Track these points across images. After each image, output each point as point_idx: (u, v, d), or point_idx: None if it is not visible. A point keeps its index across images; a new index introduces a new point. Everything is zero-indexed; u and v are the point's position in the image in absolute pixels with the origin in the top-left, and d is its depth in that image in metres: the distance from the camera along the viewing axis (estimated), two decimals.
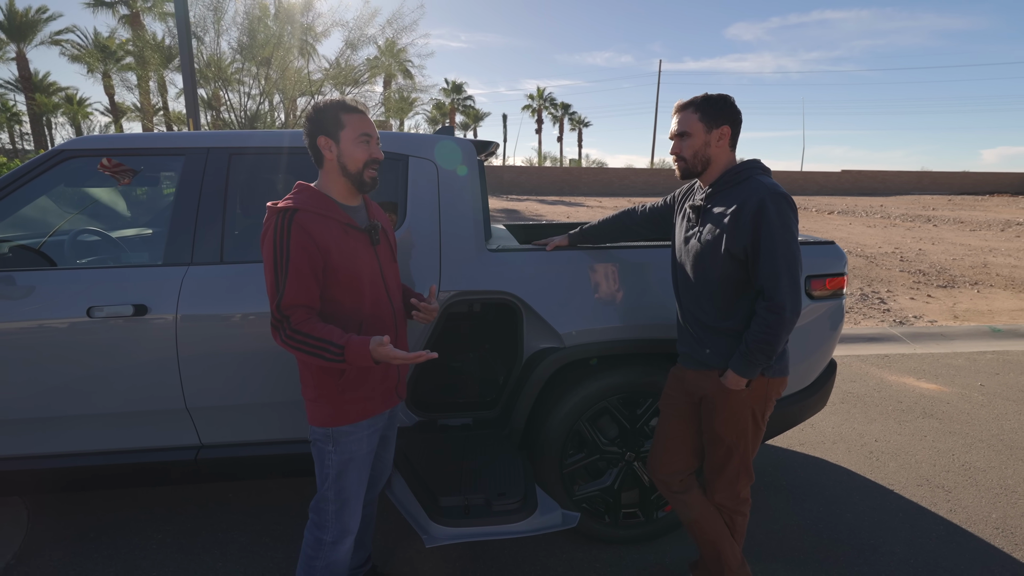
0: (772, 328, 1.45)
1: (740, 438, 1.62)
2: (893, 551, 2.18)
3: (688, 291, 1.66)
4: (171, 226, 1.97)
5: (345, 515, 1.55)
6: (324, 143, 1.44)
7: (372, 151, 1.46)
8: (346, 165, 1.45)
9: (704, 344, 1.61)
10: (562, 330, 2.03)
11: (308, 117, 1.46)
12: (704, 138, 1.57)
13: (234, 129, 6.96)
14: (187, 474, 2.04)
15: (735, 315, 1.56)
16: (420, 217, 2.03)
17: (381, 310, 1.52)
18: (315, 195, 1.44)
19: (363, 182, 1.48)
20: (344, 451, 1.51)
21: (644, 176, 33.13)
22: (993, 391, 3.82)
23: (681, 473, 1.75)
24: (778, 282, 1.44)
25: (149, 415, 1.95)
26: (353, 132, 1.44)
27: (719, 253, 1.53)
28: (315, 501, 1.57)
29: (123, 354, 1.88)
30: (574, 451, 2.13)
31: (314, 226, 1.39)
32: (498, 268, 2.05)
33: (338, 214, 1.45)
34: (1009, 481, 2.69)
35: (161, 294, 1.89)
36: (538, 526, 1.60)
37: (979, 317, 5.78)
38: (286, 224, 1.37)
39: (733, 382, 1.54)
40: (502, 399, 2.17)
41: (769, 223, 1.44)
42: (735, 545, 1.73)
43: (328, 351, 1.34)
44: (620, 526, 2.17)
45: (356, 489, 1.55)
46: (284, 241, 1.36)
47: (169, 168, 2.32)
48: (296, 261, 1.36)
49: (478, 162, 2.17)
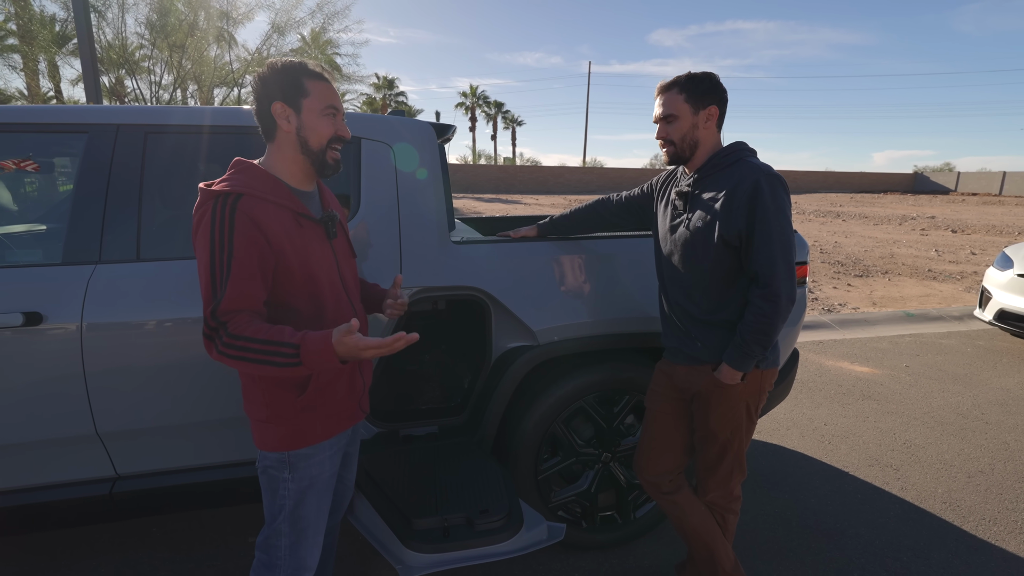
0: (768, 317, 1.38)
1: (735, 434, 1.55)
2: (858, 534, 2.22)
3: (676, 283, 1.56)
4: (72, 218, 1.64)
5: (302, 550, 1.31)
6: (281, 111, 1.19)
7: (339, 127, 1.23)
8: (307, 140, 1.21)
9: (695, 338, 1.52)
10: (536, 327, 1.88)
11: (261, 78, 1.20)
12: (692, 120, 1.46)
13: None
14: (101, 512, 1.71)
15: (727, 306, 1.48)
16: (376, 206, 1.82)
17: (342, 315, 1.29)
18: (263, 176, 1.19)
19: (325, 163, 1.24)
20: (303, 477, 1.27)
21: (578, 174, 33.75)
22: (917, 371, 4.09)
23: (670, 473, 1.66)
24: (774, 268, 1.36)
25: (49, 445, 1.62)
26: (319, 102, 1.20)
27: (711, 240, 1.43)
28: (263, 537, 1.31)
29: (11, 373, 1.54)
30: (548, 455, 2.00)
31: (263, 214, 1.14)
32: (464, 261, 1.87)
33: (291, 201, 1.20)
34: (946, 456, 2.85)
35: (61, 299, 1.57)
36: (526, 544, 1.45)
37: (893, 303, 6.24)
38: (228, 211, 1.11)
39: (728, 376, 1.45)
40: (470, 404, 2.00)
41: (764, 206, 1.36)
42: (728, 545, 1.67)
43: (279, 355, 1.08)
44: (598, 530, 2.07)
45: (315, 519, 1.32)
46: (226, 232, 1.11)
47: (66, 150, 1.96)
48: (240, 257, 1.11)
49: (439, 146, 1.98)
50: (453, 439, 1.92)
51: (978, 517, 2.33)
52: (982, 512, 2.37)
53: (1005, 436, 3.07)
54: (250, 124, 1.75)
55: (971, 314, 5.65)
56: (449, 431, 1.99)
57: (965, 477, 2.65)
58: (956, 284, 7.26)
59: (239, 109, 1.81)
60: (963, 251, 10.07)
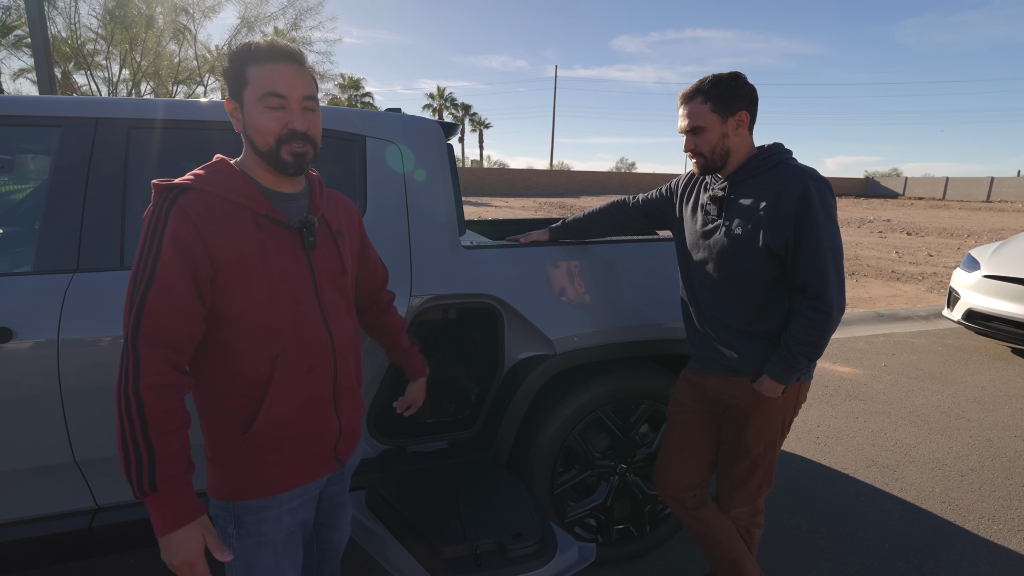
0: (819, 329, 1.31)
1: (769, 448, 1.49)
2: (868, 537, 2.22)
3: (710, 291, 1.47)
4: (45, 222, 1.47)
5: None
6: (232, 109, 1.04)
7: (289, 120, 1.00)
8: (252, 139, 1.02)
9: (732, 348, 1.44)
10: (554, 336, 1.80)
11: (223, 72, 1.05)
12: (720, 130, 1.37)
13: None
14: (79, 548, 1.54)
15: (770, 317, 1.40)
16: (383, 209, 1.70)
17: (309, 339, 1.07)
18: (226, 172, 1.02)
19: (281, 161, 1.02)
20: (250, 534, 1.05)
21: (547, 177, 33.91)
22: (896, 370, 4.20)
23: (695, 488, 1.60)
24: (825, 278, 1.30)
25: (21, 476, 1.44)
26: (256, 90, 0.99)
27: (754, 248, 1.35)
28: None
29: None
30: (564, 469, 1.92)
31: (204, 213, 0.96)
32: (477, 268, 1.78)
33: (252, 200, 1.02)
34: (937, 455, 2.90)
35: (33, 312, 1.40)
36: (560, 569, 1.36)
37: (863, 304, 6.43)
38: (163, 209, 0.94)
39: (770, 389, 1.38)
40: (481, 417, 1.90)
41: (814, 213, 1.29)
42: (753, 559, 1.62)
43: (137, 463, 0.88)
44: (613, 544, 2.00)
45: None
46: (155, 234, 0.93)
47: (31, 145, 1.78)
48: (167, 263, 0.92)
49: (448, 146, 1.88)
50: (466, 455, 1.81)
51: (978, 516, 2.37)
52: (980, 511, 2.41)
53: (988, 433, 3.16)
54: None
55: (938, 313, 5.87)
56: (460, 446, 1.89)
57: (959, 475, 2.70)
58: (919, 284, 7.55)
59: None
60: (921, 252, 10.52)
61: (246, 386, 1.03)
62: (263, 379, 1.03)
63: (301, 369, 1.07)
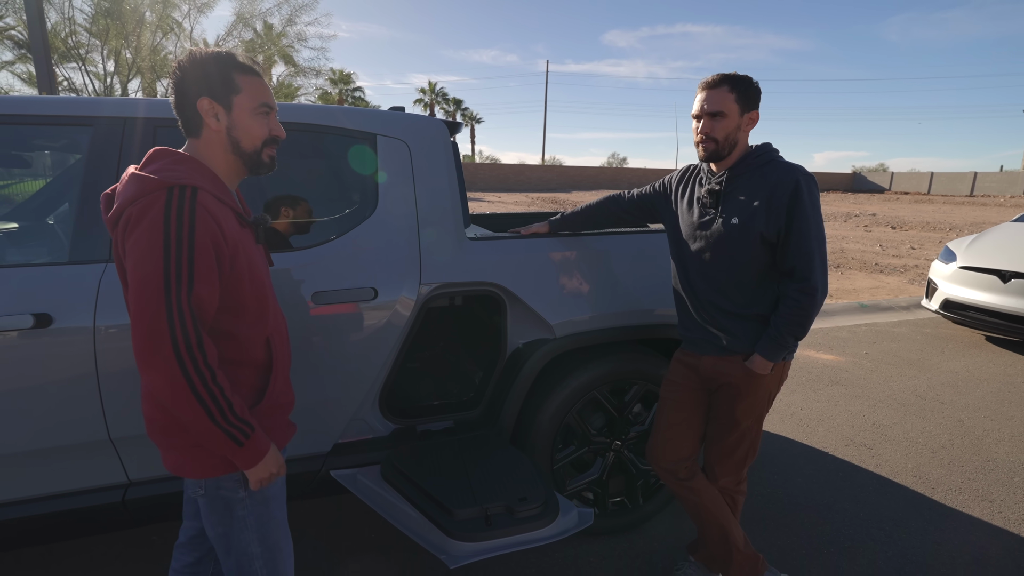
0: (805, 309, 1.46)
1: (756, 421, 1.64)
2: (844, 508, 2.39)
3: (706, 278, 1.61)
4: (78, 215, 1.57)
5: (279, 563, 1.23)
6: (209, 108, 1.08)
7: (273, 127, 1.14)
8: (239, 141, 1.11)
9: (725, 331, 1.58)
10: (554, 320, 1.94)
11: (183, 69, 1.07)
12: (737, 121, 1.50)
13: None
14: (113, 520, 1.65)
15: (760, 301, 1.55)
16: (394, 203, 1.82)
17: (279, 322, 1.25)
18: (206, 171, 1.09)
19: (260, 163, 1.15)
20: (260, 491, 1.18)
21: (539, 172, 34.00)
22: (876, 358, 4.39)
23: (687, 460, 1.74)
24: (812, 263, 1.45)
25: (60, 452, 1.55)
26: (251, 100, 1.10)
27: (749, 237, 1.49)
28: (233, 566, 1.20)
29: (18, 378, 1.47)
30: (563, 445, 2.06)
31: (216, 211, 1.04)
32: (482, 258, 1.90)
33: (231, 200, 1.11)
34: (911, 434, 3.08)
35: (70, 300, 1.50)
36: (562, 529, 1.50)
37: (847, 295, 6.64)
38: (187, 205, 0.99)
39: (761, 367, 1.53)
40: (485, 397, 2.04)
41: (803, 205, 1.44)
42: (738, 524, 1.76)
43: (235, 427, 1.02)
44: (608, 516, 2.14)
45: (285, 531, 1.26)
46: (184, 229, 0.98)
47: (63, 143, 1.87)
48: (204, 249, 1.00)
49: (452, 143, 2.00)
50: (472, 432, 1.95)
51: (945, 488, 2.55)
52: (948, 483, 2.59)
53: (959, 414, 3.34)
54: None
55: (918, 304, 6.09)
56: (465, 425, 2.02)
57: (930, 452, 2.88)
58: (900, 276, 7.78)
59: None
60: (904, 246, 10.78)
61: (253, 368, 1.16)
62: (264, 360, 1.18)
63: (282, 348, 1.24)
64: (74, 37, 11.92)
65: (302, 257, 1.70)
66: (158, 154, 1.07)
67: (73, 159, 1.99)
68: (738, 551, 1.73)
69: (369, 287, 1.74)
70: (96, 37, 12.07)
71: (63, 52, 12.14)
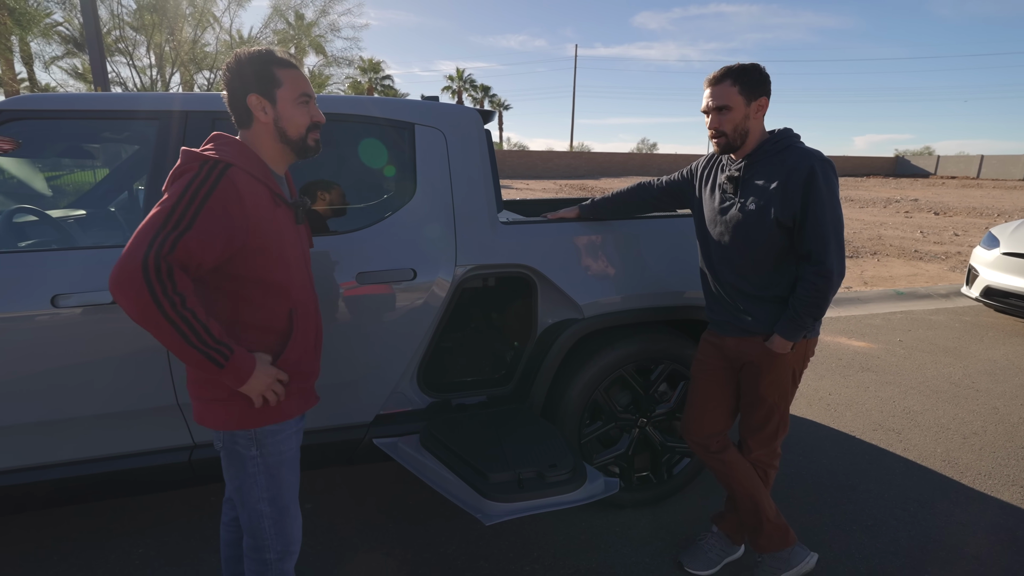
0: (821, 292, 1.51)
1: (782, 398, 1.70)
2: (868, 488, 2.42)
3: (726, 261, 1.67)
4: (147, 201, 1.73)
5: (287, 525, 1.35)
6: (257, 103, 1.21)
7: (313, 114, 1.27)
8: (286, 130, 1.24)
9: (746, 312, 1.65)
10: (582, 301, 2.02)
11: (231, 69, 1.21)
12: (744, 111, 1.56)
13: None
14: (181, 478, 1.83)
15: (779, 283, 1.61)
16: (431, 188, 1.93)
17: (308, 298, 1.34)
18: (248, 153, 1.21)
19: (307, 147, 1.28)
20: (272, 452, 1.29)
21: (567, 159, 33.76)
22: (910, 345, 4.33)
23: (718, 434, 1.81)
24: (826, 247, 1.49)
25: (135, 415, 1.73)
26: (292, 92, 1.23)
27: (766, 222, 1.55)
28: (246, 521, 1.32)
29: (100, 348, 1.64)
30: (590, 421, 2.15)
31: (247, 187, 1.15)
32: (514, 241, 2.00)
33: (270, 181, 1.23)
34: (942, 420, 3.07)
35: None
36: (588, 494, 1.60)
37: (883, 282, 6.50)
38: (214, 175, 1.12)
39: (780, 346, 1.59)
40: (516, 374, 2.14)
41: (818, 189, 1.48)
42: (769, 496, 1.83)
43: (213, 349, 1.09)
44: (633, 490, 2.23)
45: (293, 493, 1.36)
46: (203, 191, 1.10)
47: (131, 135, 2.04)
48: (212, 213, 1.09)
49: (486, 131, 2.09)
50: (504, 406, 2.06)
51: (975, 472, 2.55)
52: (978, 468, 2.58)
53: (995, 402, 3.30)
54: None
55: (957, 292, 5.92)
56: (497, 400, 2.13)
57: (961, 438, 2.86)
58: (941, 264, 7.55)
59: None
60: (947, 232, 10.41)
61: (272, 334, 1.26)
62: (284, 328, 1.28)
63: (305, 321, 1.33)
64: (120, 30, 12.42)
65: (347, 240, 1.82)
66: (213, 137, 1.22)
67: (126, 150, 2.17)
68: (768, 521, 1.80)
69: (409, 268, 1.86)
70: (141, 32, 12.55)
71: (109, 47, 12.66)
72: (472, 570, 1.92)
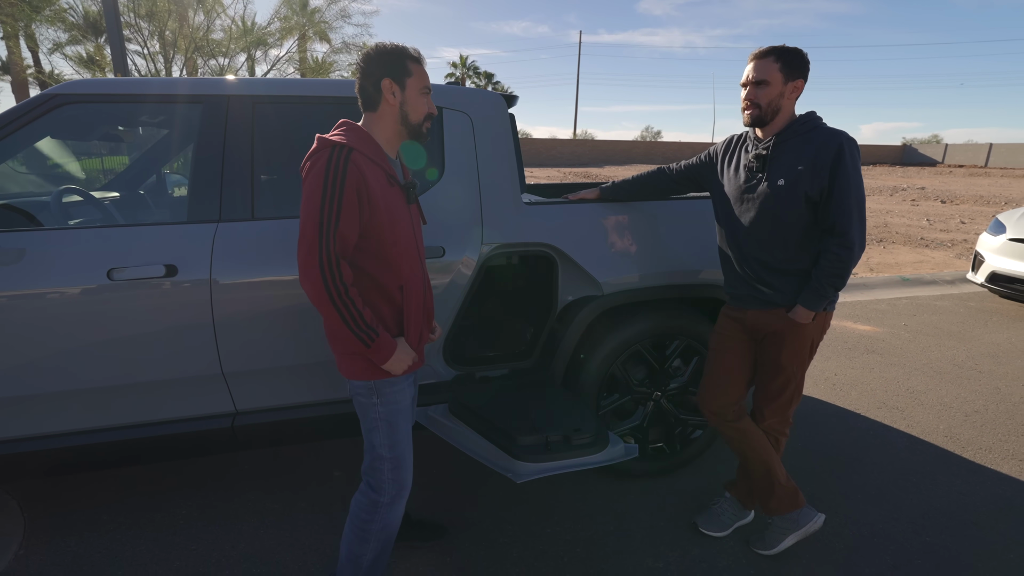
0: (843, 263, 1.61)
1: (800, 367, 1.80)
2: (873, 461, 2.52)
3: (752, 236, 1.75)
4: (193, 181, 1.83)
5: (402, 472, 1.51)
6: (388, 87, 1.38)
7: (430, 105, 1.45)
8: (408, 114, 1.42)
9: (769, 285, 1.74)
10: (602, 279, 2.12)
11: (369, 57, 1.40)
12: (780, 88, 1.64)
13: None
14: (224, 443, 1.94)
15: (802, 257, 1.70)
16: (458, 170, 2.02)
17: (415, 272, 1.49)
18: (367, 137, 1.37)
19: (421, 133, 1.46)
20: (390, 402, 1.46)
21: (570, 147, 33.66)
22: (915, 329, 4.41)
23: (734, 404, 1.91)
24: (850, 220, 1.59)
25: (182, 383, 1.84)
26: (418, 83, 1.42)
27: (795, 198, 1.64)
28: (368, 462, 1.50)
29: (152, 319, 1.75)
30: (607, 394, 2.25)
31: (367, 169, 1.32)
32: (537, 221, 2.09)
33: (385, 163, 1.39)
34: (945, 399, 3.16)
35: (191, 253, 1.77)
36: (610, 457, 1.70)
37: (889, 268, 6.56)
38: (342, 160, 1.29)
39: (803, 316, 1.69)
40: (538, 348, 2.24)
41: (845, 165, 1.58)
42: (780, 462, 1.93)
43: (364, 332, 1.32)
44: (648, 460, 2.34)
45: (408, 442, 1.52)
46: (339, 177, 1.28)
47: (175, 118, 2.12)
48: (349, 199, 1.29)
49: (510, 114, 2.17)
50: (527, 378, 2.16)
51: (975, 447, 2.65)
52: (979, 443, 2.68)
53: (997, 382, 3.39)
54: (341, 95, 1.93)
55: (963, 278, 5.99)
56: (519, 373, 2.24)
57: (963, 416, 2.96)
58: (947, 251, 7.60)
59: (335, 81, 1.99)
60: (953, 220, 10.42)
61: (389, 305, 1.44)
62: (398, 301, 1.46)
63: (415, 294, 1.48)
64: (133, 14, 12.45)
65: None
66: (339, 124, 1.39)
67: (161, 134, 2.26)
68: (779, 485, 1.91)
69: (439, 246, 1.95)
70: (154, 21, 12.58)
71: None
72: (498, 531, 2.04)
